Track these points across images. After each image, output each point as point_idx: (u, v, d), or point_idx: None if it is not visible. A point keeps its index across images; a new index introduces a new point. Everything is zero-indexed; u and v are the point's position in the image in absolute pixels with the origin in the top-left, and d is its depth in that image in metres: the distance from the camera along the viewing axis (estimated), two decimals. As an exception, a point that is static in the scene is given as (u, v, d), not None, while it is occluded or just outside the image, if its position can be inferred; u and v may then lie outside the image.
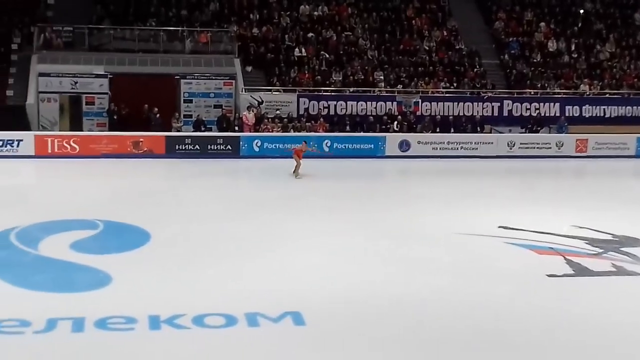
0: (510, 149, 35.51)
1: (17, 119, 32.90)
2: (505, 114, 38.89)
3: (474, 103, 38.30)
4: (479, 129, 37.00)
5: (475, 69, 40.44)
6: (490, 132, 37.24)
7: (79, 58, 35.87)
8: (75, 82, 35.01)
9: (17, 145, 31.21)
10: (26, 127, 32.91)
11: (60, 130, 33.96)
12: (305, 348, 13.26)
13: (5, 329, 13.63)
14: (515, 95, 39.57)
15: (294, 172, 28.33)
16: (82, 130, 34.25)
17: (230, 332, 13.86)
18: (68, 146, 31.65)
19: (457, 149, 34.99)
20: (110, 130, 34.12)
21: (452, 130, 36.38)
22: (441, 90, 38.66)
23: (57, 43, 36.54)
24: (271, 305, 14.86)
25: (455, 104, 38.08)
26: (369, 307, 15.10)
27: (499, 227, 21.22)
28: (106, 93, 35.20)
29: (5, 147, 31.08)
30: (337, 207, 24.07)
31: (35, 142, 31.50)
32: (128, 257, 18.23)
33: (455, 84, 39.29)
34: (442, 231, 21.00)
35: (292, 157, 28.51)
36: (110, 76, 35.41)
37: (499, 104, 38.83)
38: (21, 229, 19.97)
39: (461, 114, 37.94)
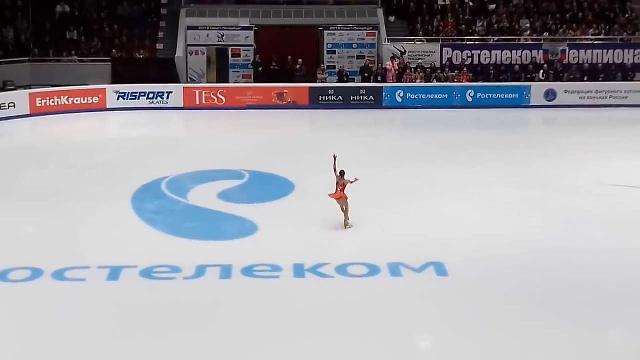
0: (663, 98, 34.07)
1: (167, 71, 33.84)
2: (658, 61, 37.26)
3: (625, 50, 36.84)
4: (629, 78, 35.64)
5: (627, 15, 38.83)
6: (642, 81, 35.81)
7: (225, 11, 36.44)
8: (222, 35, 35.63)
9: (167, 98, 32.08)
10: (175, 79, 33.78)
11: (207, 82, 34.71)
12: (447, 299, 13.28)
13: (158, 275, 14.24)
14: (669, 42, 37.87)
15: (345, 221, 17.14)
16: (228, 82, 34.90)
17: (373, 282, 14.04)
18: (215, 98, 32.35)
19: (606, 98, 33.84)
20: (255, 82, 34.62)
21: (601, 79, 35.20)
22: (590, 37, 37.40)
23: (205, -4, 37.24)
24: (414, 255, 14.95)
25: (605, 51, 36.72)
26: (514, 259, 14.98)
27: (651, 178, 20.54)
28: (251, 45, 35.68)
29: (156, 99, 32.00)
30: (481, 157, 23.83)
31: (184, 94, 32.33)
32: (273, 207, 18.66)
33: (604, 31, 37.92)
34: (591, 182, 20.53)
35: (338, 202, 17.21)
36: (256, 28, 35.86)
37: (651, 51, 37.26)
38: (171, 178, 20.69)
39: (611, 62, 36.64)
